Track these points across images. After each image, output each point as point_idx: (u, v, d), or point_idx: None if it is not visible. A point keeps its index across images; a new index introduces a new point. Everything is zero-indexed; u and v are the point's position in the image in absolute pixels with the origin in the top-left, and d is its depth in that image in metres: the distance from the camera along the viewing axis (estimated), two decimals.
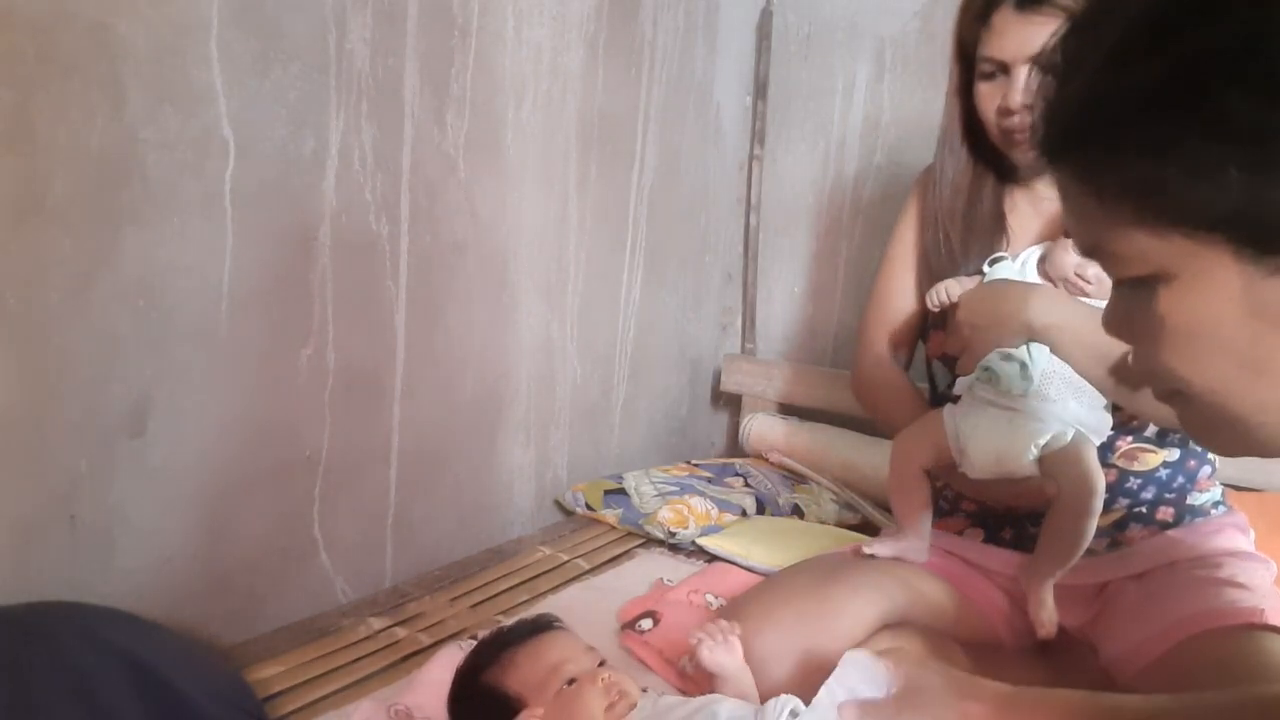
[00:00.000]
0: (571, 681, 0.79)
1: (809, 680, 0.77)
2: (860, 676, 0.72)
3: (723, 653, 0.84)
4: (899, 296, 1.18)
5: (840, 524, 1.56)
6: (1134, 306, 0.47)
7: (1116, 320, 0.50)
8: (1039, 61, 0.48)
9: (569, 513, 1.56)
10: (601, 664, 0.83)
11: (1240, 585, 0.92)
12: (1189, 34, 0.40)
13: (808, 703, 0.73)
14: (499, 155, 1.34)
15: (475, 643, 0.92)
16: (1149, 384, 0.50)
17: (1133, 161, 0.43)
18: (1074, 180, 0.47)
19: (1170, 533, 1.00)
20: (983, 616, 1.03)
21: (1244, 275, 0.42)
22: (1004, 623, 1.03)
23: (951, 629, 0.99)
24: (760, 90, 1.92)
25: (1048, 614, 0.93)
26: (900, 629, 0.94)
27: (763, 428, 1.81)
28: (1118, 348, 0.52)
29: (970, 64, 1.02)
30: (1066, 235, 0.53)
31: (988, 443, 0.94)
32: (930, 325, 1.13)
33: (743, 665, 0.85)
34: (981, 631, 1.03)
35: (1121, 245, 0.45)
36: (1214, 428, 0.48)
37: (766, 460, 1.77)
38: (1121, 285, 0.49)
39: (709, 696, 0.80)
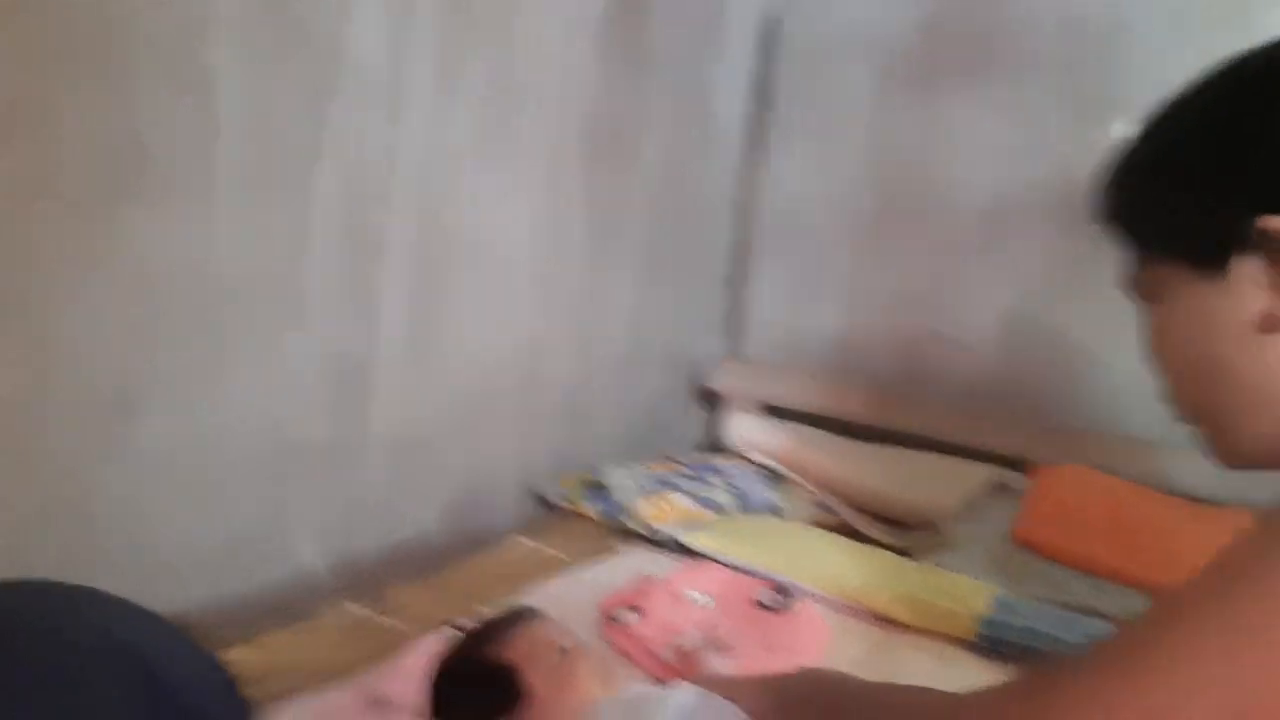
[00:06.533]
0: (563, 652, 0.82)
1: None
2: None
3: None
4: None
5: (817, 524, 1.58)
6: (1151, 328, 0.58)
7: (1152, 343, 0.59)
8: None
9: (551, 506, 1.57)
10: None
11: None
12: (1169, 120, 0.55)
13: None
14: (500, 151, 1.35)
15: (456, 632, 0.92)
16: (1172, 408, 0.58)
17: (1143, 211, 0.56)
18: (1119, 233, 0.59)
19: None
20: None
21: (1198, 291, 0.52)
22: None
23: None
24: (763, 98, 1.93)
25: None
26: None
27: (746, 428, 1.83)
28: None
29: None
30: None
31: None
32: None
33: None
34: None
35: (1140, 276, 0.57)
36: (1210, 442, 0.55)
37: (747, 459, 1.79)
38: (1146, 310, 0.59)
39: (677, 683, 0.82)
